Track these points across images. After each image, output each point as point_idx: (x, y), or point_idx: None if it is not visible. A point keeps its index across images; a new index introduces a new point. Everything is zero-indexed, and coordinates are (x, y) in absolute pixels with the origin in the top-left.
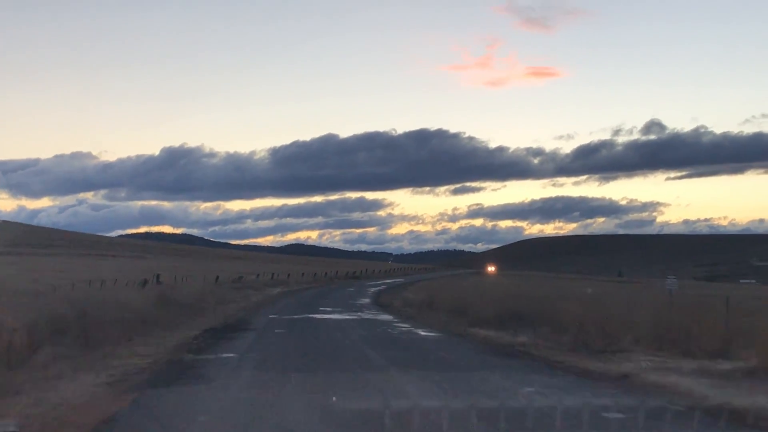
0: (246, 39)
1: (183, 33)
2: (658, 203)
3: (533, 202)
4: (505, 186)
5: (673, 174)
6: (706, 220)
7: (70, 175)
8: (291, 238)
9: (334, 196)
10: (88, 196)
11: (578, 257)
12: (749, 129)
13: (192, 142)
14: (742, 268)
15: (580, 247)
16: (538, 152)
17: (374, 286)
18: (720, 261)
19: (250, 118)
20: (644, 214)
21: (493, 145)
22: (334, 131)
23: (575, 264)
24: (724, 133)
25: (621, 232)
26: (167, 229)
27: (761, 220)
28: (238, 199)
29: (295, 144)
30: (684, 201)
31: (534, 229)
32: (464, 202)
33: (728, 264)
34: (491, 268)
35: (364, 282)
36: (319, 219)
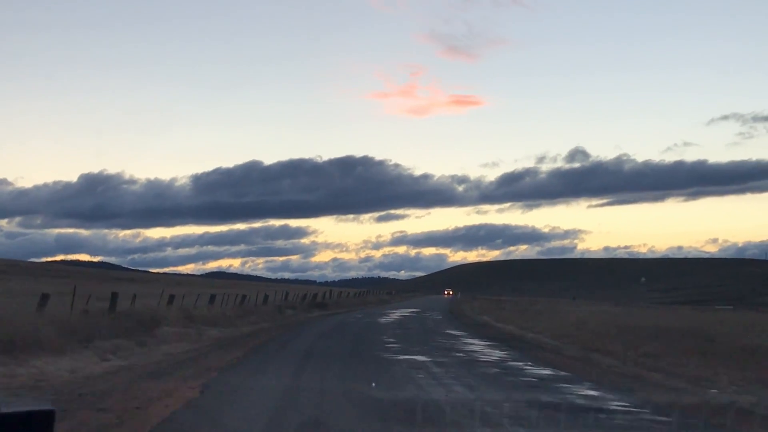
0: (169, 64)
1: (103, 58)
2: (579, 230)
3: (457, 229)
4: (430, 213)
5: (595, 201)
6: (626, 247)
7: None
8: (213, 266)
9: (257, 224)
10: (2, 223)
11: (502, 282)
12: (670, 157)
13: (111, 169)
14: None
15: (502, 272)
16: (462, 180)
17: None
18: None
19: (171, 145)
20: (566, 241)
21: (418, 172)
22: (258, 158)
23: (499, 289)
24: (646, 161)
25: (542, 258)
26: (84, 257)
27: (680, 247)
28: (159, 226)
29: (218, 171)
30: (605, 228)
31: (457, 256)
32: (388, 229)
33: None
34: (449, 291)
35: (348, 315)
36: (242, 247)
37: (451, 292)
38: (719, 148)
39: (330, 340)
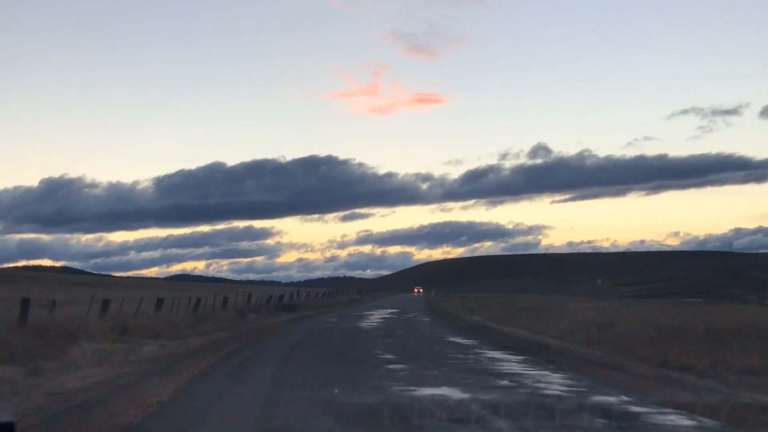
0: (129, 65)
1: (63, 60)
2: (543, 226)
3: (422, 227)
4: (394, 212)
5: (558, 197)
6: (589, 241)
7: None
8: (177, 268)
9: (221, 226)
10: None
11: (468, 279)
12: (631, 152)
13: (73, 173)
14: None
15: (468, 269)
16: (427, 178)
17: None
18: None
19: (133, 147)
20: (530, 237)
21: (382, 171)
22: (221, 159)
23: (466, 286)
24: (607, 156)
25: (507, 254)
26: (47, 262)
27: (642, 241)
28: (121, 230)
29: (181, 173)
30: (568, 224)
31: (423, 254)
32: (353, 228)
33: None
34: (419, 290)
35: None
36: (206, 249)
37: (421, 290)
38: (679, 142)
39: (304, 358)
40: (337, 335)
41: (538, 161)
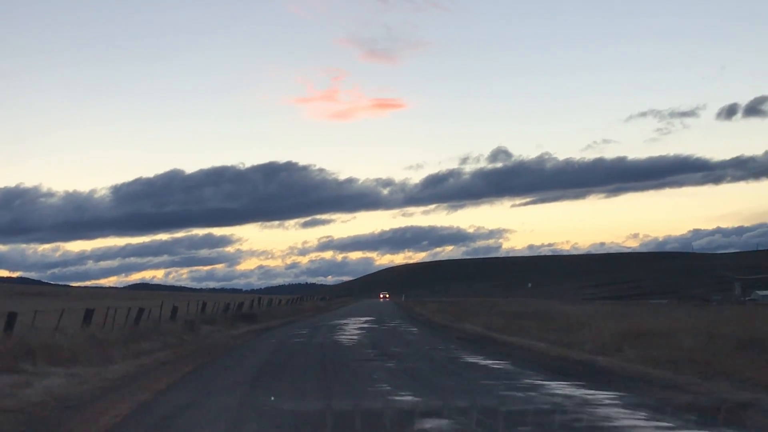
0: (85, 73)
1: (16, 68)
2: (504, 230)
3: (383, 232)
4: (355, 218)
5: (518, 200)
6: (549, 244)
7: None
8: (135, 278)
9: (180, 234)
10: None
11: (431, 283)
12: (590, 155)
13: (28, 182)
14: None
15: (429, 274)
16: (387, 183)
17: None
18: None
19: (90, 156)
20: (491, 241)
21: (342, 177)
22: (179, 167)
23: (429, 290)
24: (567, 159)
25: (468, 258)
26: (2, 273)
27: (602, 243)
28: (79, 239)
29: (138, 181)
30: (529, 227)
31: (384, 259)
32: (314, 235)
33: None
34: (385, 295)
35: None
36: (165, 257)
37: (387, 296)
38: (638, 145)
39: (276, 398)
40: (314, 355)
41: (498, 165)
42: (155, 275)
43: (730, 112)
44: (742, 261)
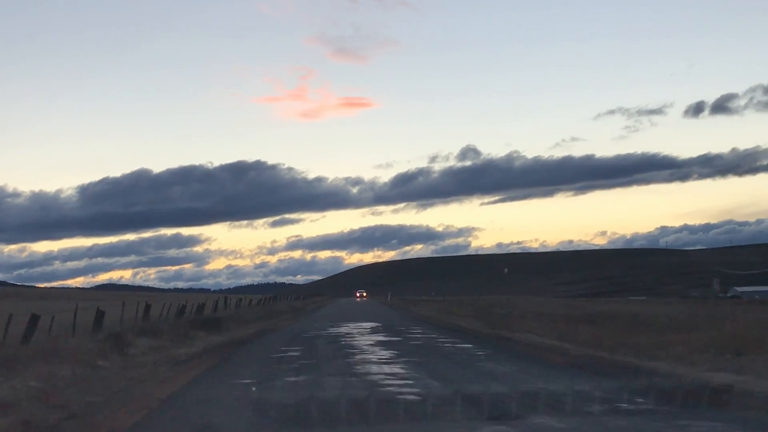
0: (51, 72)
1: None
2: (473, 228)
3: (352, 231)
4: (324, 216)
5: (487, 199)
6: (518, 242)
7: None
8: (103, 278)
9: (147, 234)
10: None
11: (401, 282)
12: (559, 153)
13: None
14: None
15: (399, 272)
16: (356, 182)
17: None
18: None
19: (56, 155)
20: (460, 239)
21: (311, 176)
22: (147, 166)
23: (399, 289)
24: (536, 157)
25: (437, 256)
26: None
27: (570, 241)
28: (45, 240)
29: (105, 181)
30: (497, 225)
31: (353, 258)
32: (283, 234)
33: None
34: (362, 294)
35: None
36: (133, 258)
37: (365, 294)
38: (606, 143)
39: None
40: None
41: (468, 163)
42: (123, 275)
43: (697, 109)
44: (710, 258)
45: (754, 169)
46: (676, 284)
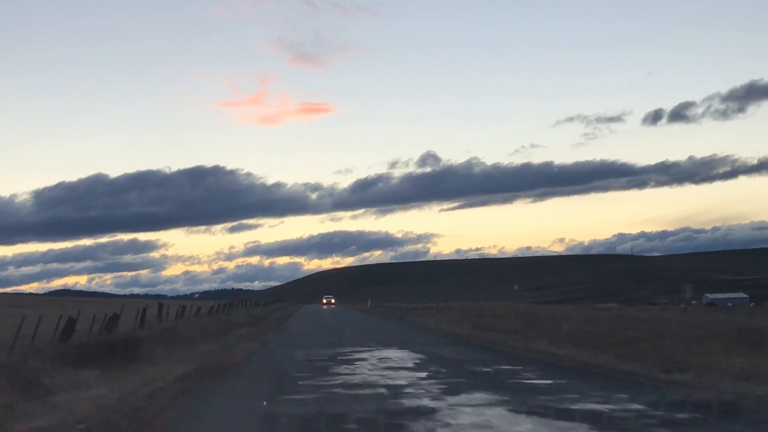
0: (2, 71)
1: None
2: (432, 234)
3: (311, 237)
4: (283, 222)
5: (446, 205)
6: (477, 249)
7: None
8: (58, 284)
9: (104, 239)
10: None
11: (360, 288)
12: (518, 159)
13: None
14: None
15: (358, 278)
16: (316, 187)
17: None
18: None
19: (10, 159)
20: (419, 246)
21: (270, 181)
22: (103, 171)
23: (358, 295)
24: (495, 164)
25: (396, 262)
26: None
27: (528, 248)
28: None
29: (61, 185)
30: (457, 231)
31: (312, 264)
32: (241, 240)
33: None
34: (331, 300)
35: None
36: (88, 263)
37: (333, 301)
38: (565, 150)
39: None
40: None
41: (427, 169)
42: (78, 281)
43: (655, 117)
44: (674, 264)
45: (710, 177)
46: (642, 290)
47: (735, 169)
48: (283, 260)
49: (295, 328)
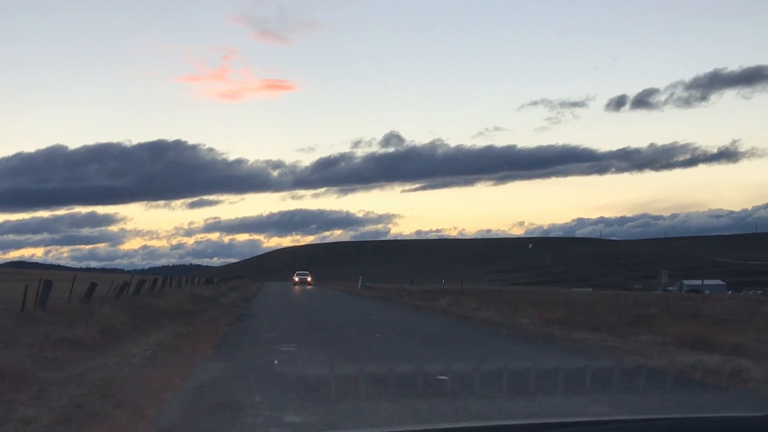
0: None
1: None
2: (393, 215)
3: (271, 215)
4: (244, 199)
5: (408, 186)
6: (437, 230)
7: None
8: (14, 255)
9: (61, 211)
10: None
11: (320, 267)
12: (481, 142)
13: None
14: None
15: (317, 257)
16: (277, 165)
17: None
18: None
19: None
20: (380, 226)
21: (232, 157)
22: (63, 142)
23: (319, 274)
24: (458, 146)
25: (356, 241)
26: None
27: (488, 230)
28: None
29: (19, 156)
30: (418, 212)
31: (272, 242)
32: (201, 215)
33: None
34: (307, 279)
35: None
36: (45, 235)
37: (309, 279)
38: (528, 133)
39: None
40: None
41: (390, 150)
42: (34, 253)
43: (618, 103)
44: (644, 249)
45: (670, 165)
46: (612, 275)
47: (695, 158)
48: (242, 237)
49: (269, 334)
